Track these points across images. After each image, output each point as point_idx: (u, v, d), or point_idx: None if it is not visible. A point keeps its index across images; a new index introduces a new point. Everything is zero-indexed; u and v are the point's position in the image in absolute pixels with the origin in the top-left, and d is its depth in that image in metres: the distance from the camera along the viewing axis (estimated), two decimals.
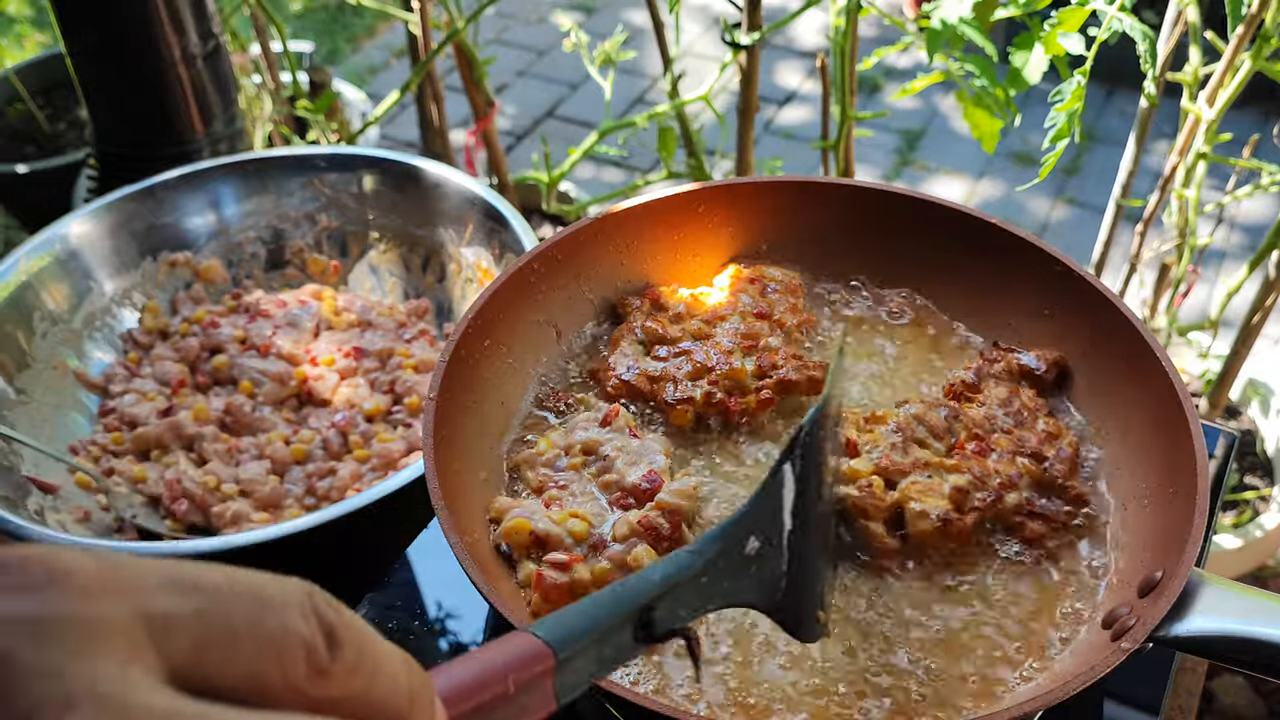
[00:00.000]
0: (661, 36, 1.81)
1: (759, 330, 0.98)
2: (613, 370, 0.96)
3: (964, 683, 0.76)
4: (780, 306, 1.01)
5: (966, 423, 0.90)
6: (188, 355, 1.38)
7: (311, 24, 3.92)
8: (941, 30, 1.22)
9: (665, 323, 1.00)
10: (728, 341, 0.97)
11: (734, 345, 0.97)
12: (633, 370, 0.96)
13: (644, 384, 0.95)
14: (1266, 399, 2.03)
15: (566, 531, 0.81)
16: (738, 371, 0.95)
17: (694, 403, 0.93)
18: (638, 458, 0.87)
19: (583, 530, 0.81)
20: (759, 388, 0.94)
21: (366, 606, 0.95)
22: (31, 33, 3.74)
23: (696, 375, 0.95)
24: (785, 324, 1.00)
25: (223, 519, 1.19)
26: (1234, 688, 1.80)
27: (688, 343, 0.98)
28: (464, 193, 1.41)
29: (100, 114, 1.72)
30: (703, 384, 0.94)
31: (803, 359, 0.96)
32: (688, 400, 0.93)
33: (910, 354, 1.02)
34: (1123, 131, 1.81)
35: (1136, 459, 0.87)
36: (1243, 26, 1.35)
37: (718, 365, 0.95)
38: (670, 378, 0.95)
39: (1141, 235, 1.76)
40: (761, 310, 1.00)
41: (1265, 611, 0.68)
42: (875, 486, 0.84)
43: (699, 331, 0.99)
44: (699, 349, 0.97)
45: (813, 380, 0.95)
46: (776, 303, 1.02)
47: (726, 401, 0.94)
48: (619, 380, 0.95)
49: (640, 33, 3.45)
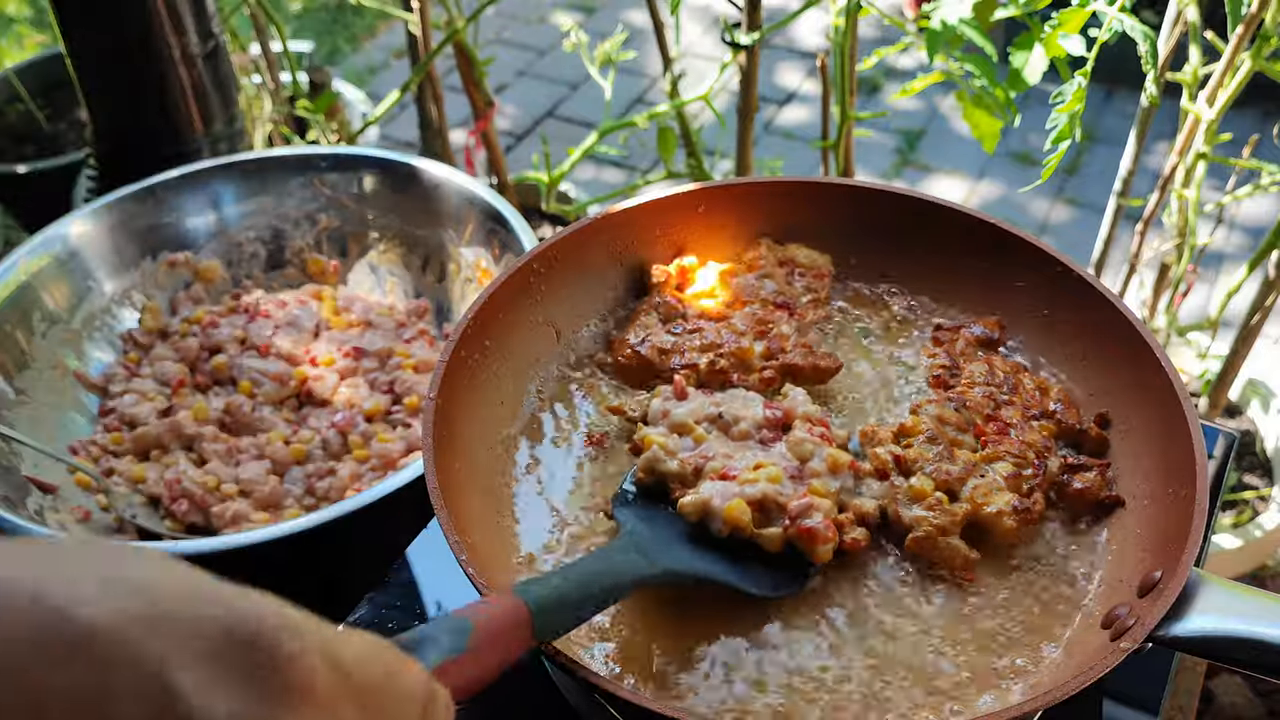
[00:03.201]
0: (661, 36, 1.81)
1: (775, 317, 1.00)
2: (627, 340, 0.98)
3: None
4: (804, 299, 1.02)
5: (974, 406, 0.90)
6: (187, 355, 1.38)
7: (311, 24, 3.92)
8: (941, 30, 1.22)
9: (685, 300, 1.02)
10: (742, 324, 0.99)
11: (747, 328, 0.98)
12: (646, 342, 0.97)
13: (654, 356, 0.96)
14: (1266, 399, 2.03)
15: (767, 482, 0.81)
16: (745, 351, 0.96)
17: (697, 370, 0.94)
18: (740, 401, 0.88)
19: (777, 474, 0.82)
20: (764, 368, 0.96)
21: (366, 606, 0.95)
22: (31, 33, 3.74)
23: (705, 351, 0.96)
24: (805, 317, 1.01)
25: (222, 519, 1.19)
26: (1233, 687, 1.80)
27: (703, 321, 0.99)
28: (464, 193, 1.41)
29: (100, 114, 1.72)
30: (709, 355, 0.96)
31: (810, 348, 0.97)
32: (690, 367, 0.95)
33: (908, 354, 1.01)
34: (1123, 131, 1.81)
35: (1136, 459, 0.87)
36: (1242, 26, 1.35)
37: (727, 344, 0.97)
38: (679, 351, 0.96)
39: (1141, 235, 1.76)
40: (783, 301, 1.01)
41: (1264, 611, 0.68)
42: (943, 502, 0.83)
43: (717, 314, 1.01)
44: (712, 328, 0.98)
45: (817, 369, 0.96)
46: (800, 292, 1.03)
47: (729, 374, 0.95)
48: (631, 350, 0.97)
49: (640, 33, 3.45)
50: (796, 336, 0.98)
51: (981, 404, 0.91)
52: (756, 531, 0.79)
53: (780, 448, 0.86)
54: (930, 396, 0.94)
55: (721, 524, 0.79)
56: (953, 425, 0.89)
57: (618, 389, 0.98)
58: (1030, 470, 0.85)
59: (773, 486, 0.80)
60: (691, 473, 0.83)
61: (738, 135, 1.71)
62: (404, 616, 0.94)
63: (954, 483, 0.84)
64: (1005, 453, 0.86)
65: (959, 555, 0.81)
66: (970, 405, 0.91)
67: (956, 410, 0.90)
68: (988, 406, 0.91)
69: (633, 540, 0.76)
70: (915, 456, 0.86)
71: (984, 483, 0.84)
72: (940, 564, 0.82)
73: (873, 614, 0.80)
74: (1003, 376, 0.94)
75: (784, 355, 0.96)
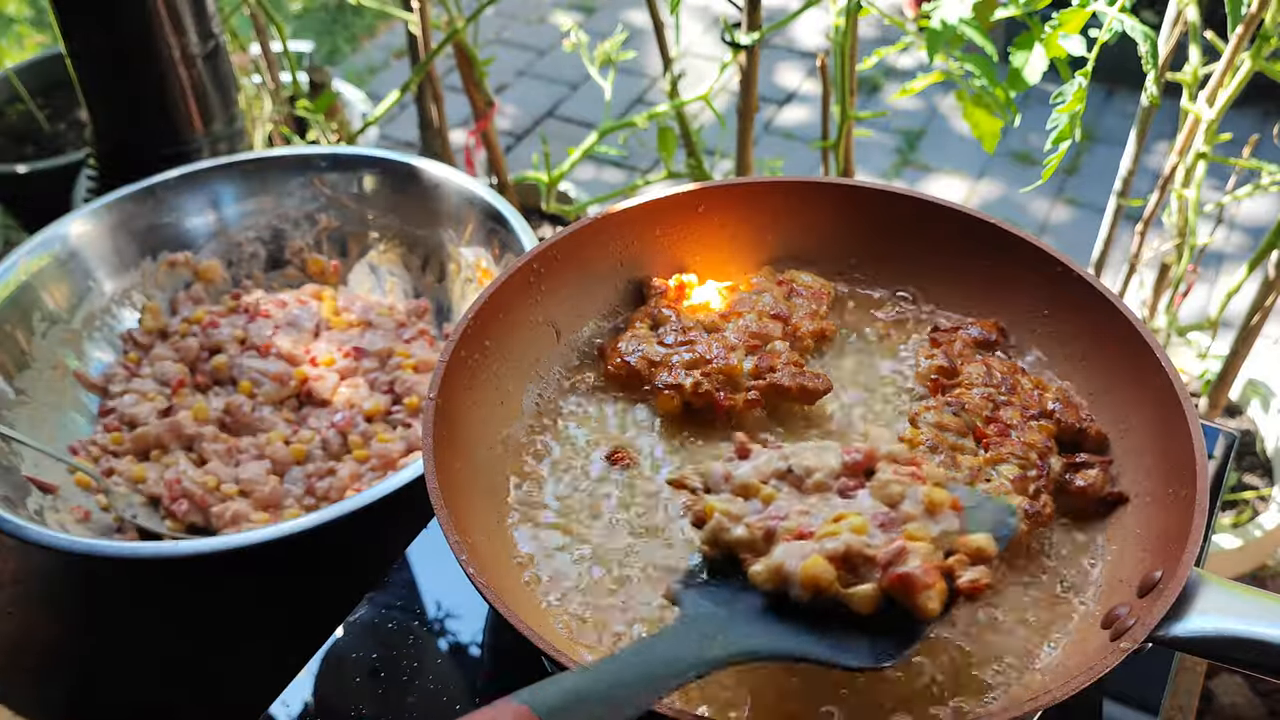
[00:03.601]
0: (661, 37, 1.81)
1: (769, 332, 0.98)
2: (619, 349, 0.98)
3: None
4: (800, 311, 1.01)
5: (973, 409, 0.90)
6: (187, 355, 1.38)
7: (311, 24, 3.92)
8: (941, 30, 1.21)
9: (680, 310, 1.01)
10: (734, 338, 0.98)
11: (739, 342, 0.97)
12: (636, 353, 0.97)
13: (644, 367, 0.96)
14: (1266, 399, 2.03)
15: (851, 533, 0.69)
16: (733, 368, 0.95)
17: (682, 390, 0.94)
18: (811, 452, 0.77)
19: (862, 523, 0.70)
20: (750, 387, 0.94)
21: (366, 606, 0.95)
22: (31, 33, 3.74)
23: (693, 366, 0.95)
24: (800, 329, 0.99)
25: (222, 519, 1.19)
26: (1233, 687, 1.80)
27: (696, 333, 0.99)
28: (464, 193, 1.41)
29: (100, 114, 1.72)
30: (695, 374, 0.94)
31: (802, 367, 0.96)
32: (675, 387, 0.94)
33: (905, 353, 1.01)
34: (1122, 131, 1.81)
35: (1136, 459, 0.87)
36: (1242, 26, 1.35)
37: (716, 359, 0.95)
38: (668, 365, 0.95)
39: (1141, 235, 1.76)
40: (780, 313, 1.00)
41: (1264, 611, 0.68)
42: None
43: (711, 324, 1.00)
44: (703, 340, 0.97)
45: (805, 389, 0.93)
46: (798, 307, 1.01)
47: (714, 394, 0.94)
48: (621, 360, 0.96)
49: (640, 33, 3.45)
50: (789, 354, 0.96)
51: (980, 405, 0.91)
52: (843, 591, 0.67)
53: (864, 496, 0.74)
54: (928, 403, 0.94)
55: (800, 589, 0.67)
56: (952, 431, 0.89)
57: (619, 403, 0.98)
58: (1034, 472, 0.85)
59: (858, 538, 0.69)
60: (763, 538, 0.71)
61: (738, 135, 1.71)
62: (404, 616, 0.94)
63: None
64: (1009, 454, 0.86)
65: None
66: (969, 408, 0.91)
67: (955, 414, 0.90)
68: (987, 408, 0.91)
69: (693, 623, 0.67)
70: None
71: (991, 487, 0.84)
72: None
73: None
74: (1000, 377, 0.93)
75: (772, 374, 0.94)
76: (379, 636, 0.92)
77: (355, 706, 0.87)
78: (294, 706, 0.88)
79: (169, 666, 1.11)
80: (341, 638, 0.92)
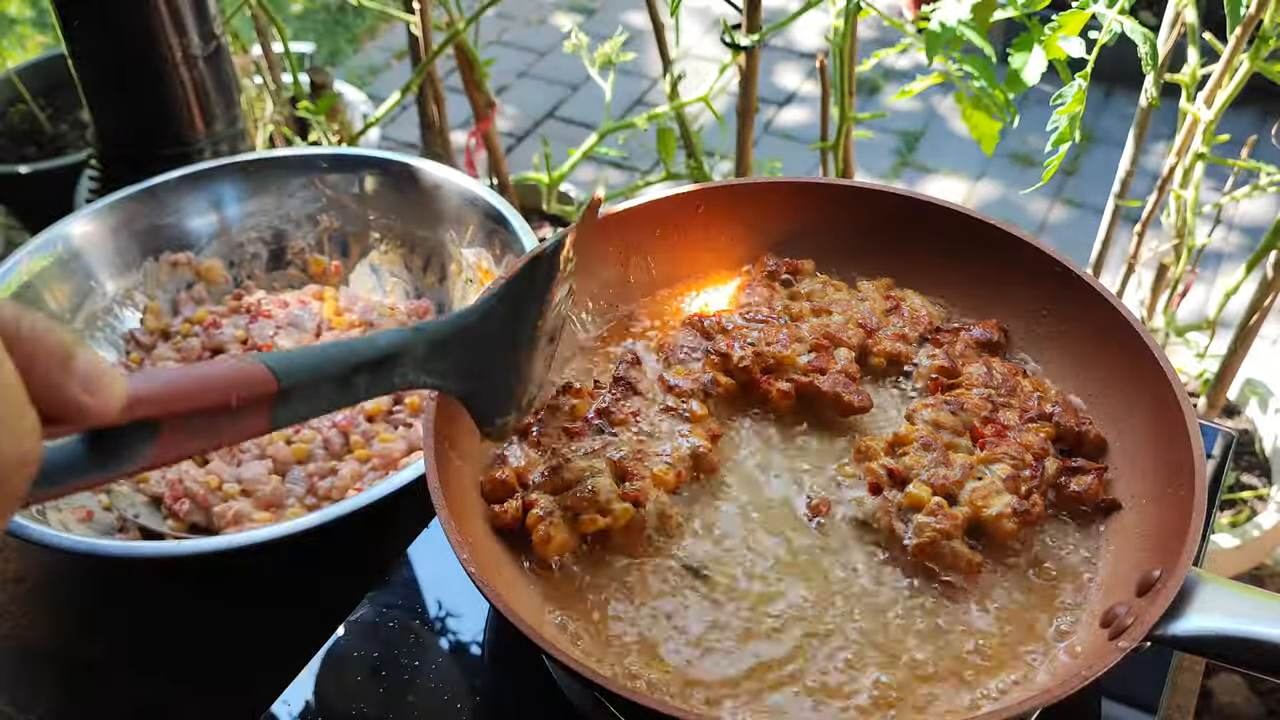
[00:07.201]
0: (661, 38, 1.81)
1: (845, 338, 0.98)
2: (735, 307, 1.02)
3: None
4: (889, 330, 1.00)
5: (972, 409, 0.90)
6: (189, 356, 1.38)
7: (313, 25, 3.93)
8: (941, 32, 1.22)
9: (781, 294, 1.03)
10: (808, 332, 0.99)
11: (811, 337, 0.98)
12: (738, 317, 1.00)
13: (714, 328, 0.98)
14: (1264, 399, 2.03)
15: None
16: (787, 358, 0.96)
17: (727, 360, 0.95)
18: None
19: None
20: (791, 379, 0.95)
21: (367, 606, 0.95)
22: (33, 33, 3.74)
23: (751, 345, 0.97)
24: (878, 346, 0.99)
25: (224, 519, 1.19)
26: (1232, 687, 1.81)
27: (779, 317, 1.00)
28: (464, 193, 1.41)
29: (102, 115, 1.72)
30: (749, 352, 0.96)
31: (855, 379, 0.95)
32: (723, 355, 0.96)
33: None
34: (1121, 132, 1.82)
35: (1134, 458, 0.87)
36: (1241, 27, 1.35)
37: (776, 344, 0.97)
38: (742, 336, 0.97)
39: (1140, 236, 1.76)
40: (868, 324, 1.00)
41: (1263, 611, 0.68)
42: (944, 507, 0.83)
43: (797, 313, 1.01)
44: (778, 326, 0.99)
45: (841, 400, 0.93)
46: (890, 324, 1.01)
47: (754, 373, 0.95)
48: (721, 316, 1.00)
49: (640, 34, 3.45)
50: (846, 364, 0.96)
51: (979, 406, 0.91)
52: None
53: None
54: (926, 401, 0.94)
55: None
56: (948, 429, 0.89)
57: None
58: (1028, 472, 0.86)
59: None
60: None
61: (737, 136, 1.71)
62: (405, 616, 0.94)
63: (951, 486, 0.85)
64: (1003, 454, 0.86)
65: (963, 558, 0.82)
66: (968, 408, 0.91)
67: (953, 413, 0.90)
68: (985, 409, 0.91)
69: (423, 337, 0.67)
70: (911, 464, 0.87)
71: (982, 485, 0.84)
72: (945, 568, 0.82)
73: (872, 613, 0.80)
74: (1001, 379, 0.94)
75: (818, 376, 0.94)
76: (380, 636, 0.92)
77: (356, 706, 0.87)
78: (295, 706, 0.88)
79: (169, 666, 1.12)
80: (342, 637, 0.92)
